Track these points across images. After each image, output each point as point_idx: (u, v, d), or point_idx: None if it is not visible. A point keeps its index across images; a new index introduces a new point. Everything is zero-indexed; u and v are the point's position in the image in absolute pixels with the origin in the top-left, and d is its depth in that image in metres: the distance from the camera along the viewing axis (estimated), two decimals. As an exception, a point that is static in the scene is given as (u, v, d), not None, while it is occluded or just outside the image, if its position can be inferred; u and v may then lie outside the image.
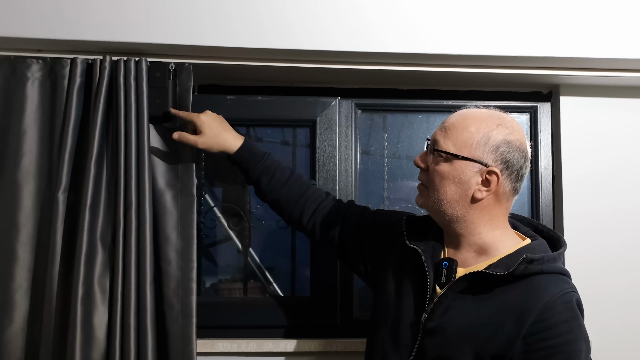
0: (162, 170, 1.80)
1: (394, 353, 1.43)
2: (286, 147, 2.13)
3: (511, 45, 1.85)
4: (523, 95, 2.11)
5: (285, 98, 2.03)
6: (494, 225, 1.43)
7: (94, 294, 1.69)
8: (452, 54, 1.84)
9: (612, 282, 2.02)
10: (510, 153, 1.39)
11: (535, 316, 1.29)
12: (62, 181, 1.70)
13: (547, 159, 2.09)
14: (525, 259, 1.32)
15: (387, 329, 1.46)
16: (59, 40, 1.75)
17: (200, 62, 1.85)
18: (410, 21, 1.84)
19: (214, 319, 1.96)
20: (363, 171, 2.10)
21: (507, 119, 1.43)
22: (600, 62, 1.90)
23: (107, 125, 1.76)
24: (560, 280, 1.36)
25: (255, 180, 1.73)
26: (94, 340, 1.68)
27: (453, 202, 1.41)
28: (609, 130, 2.06)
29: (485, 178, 1.39)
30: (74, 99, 1.73)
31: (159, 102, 1.78)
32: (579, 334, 1.31)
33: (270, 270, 2.11)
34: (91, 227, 1.70)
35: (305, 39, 1.81)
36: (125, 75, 1.74)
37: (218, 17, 1.79)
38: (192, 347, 1.73)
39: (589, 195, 2.04)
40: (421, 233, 1.52)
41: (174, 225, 1.78)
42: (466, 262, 1.42)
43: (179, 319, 1.74)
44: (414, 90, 2.09)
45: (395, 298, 1.47)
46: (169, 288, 1.75)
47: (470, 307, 1.35)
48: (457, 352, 1.33)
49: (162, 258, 1.76)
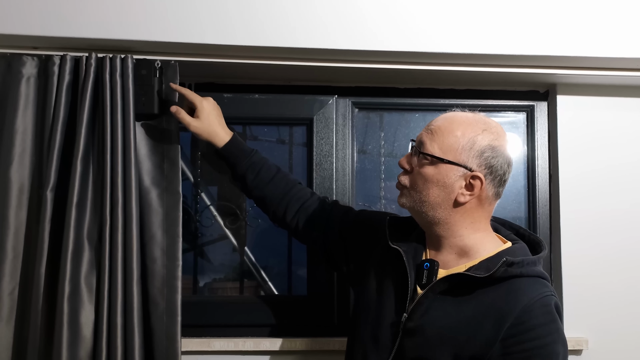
0: (147, 168, 1.80)
1: (374, 353, 1.44)
2: (282, 146, 2.12)
3: (508, 43, 1.85)
4: (520, 94, 2.11)
5: (283, 96, 2.03)
6: (475, 228, 1.44)
7: (80, 292, 1.69)
8: (449, 52, 1.84)
9: (609, 282, 2.02)
10: (494, 159, 1.41)
11: (513, 319, 1.31)
12: (51, 179, 1.69)
13: (543, 158, 2.09)
14: (505, 261, 1.34)
15: (368, 328, 1.47)
16: (48, 37, 1.74)
17: (197, 60, 1.85)
18: (408, 19, 1.83)
19: (210, 317, 1.96)
20: (360, 170, 2.09)
21: (492, 125, 1.45)
22: (597, 60, 1.90)
23: (94, 123, 1.75)
24: (539, 284, 1.37)
25: (242, 175, 1.73)
26: (81, 338, 1.68)
27: (435, 205, 1.42)
28: (606, 129, 2.06)
29: (469, 182, 1.40)
30: (63, 96, 1.72)
31: (144, 99, 1.77)
32: (556, 337, 1.32)
33: (266, 269, 2.11)
34: (78, 225, 1.70)
35: (303, 37, 1.81)
36: (111, 73, 1.73)
37: (215, 15, 1.78)
38: (176, 346, 1.73)
39: (586, 194, 2.04)
40: (404, 234, 1.54)
41: (159, 223, 1.78)
42: (447, 264, 1.43)
43: (164, 317, 1.74)
44: (411, 89, 2.09)
45: (377, 298, 1.48)
46: (154, 286, 1.75)
47: (450, 308, 1.37)
48: (436, 352, 1.35)
49: (148, 256, 1.76)
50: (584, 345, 1.96)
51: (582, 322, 1.99)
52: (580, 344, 1.96)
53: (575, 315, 1.99)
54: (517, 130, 2.14)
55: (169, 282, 1.75)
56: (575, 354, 1.98)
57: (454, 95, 2.09)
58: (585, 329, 1.99)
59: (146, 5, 1.77)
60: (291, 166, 2.09)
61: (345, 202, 2.01)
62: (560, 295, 2.01)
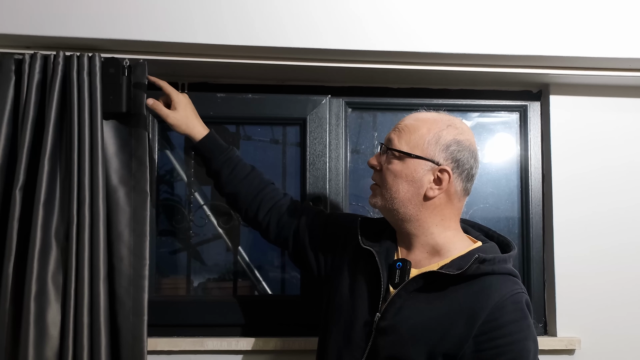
0: (115, 166, 1.80)
1: (347, 353, 1.45)
2: (276, 146, 2.12)
3: (501, 43, 1.85)
4: (513, 94, 2.11)
5: (276, 96, 2.03)
6: (445, 226, 1.47)
7: (47, 291, 1.69)
8: (442, 52, 1.84)
9: (602, 282, 2.02)
10: (460, 152, 1.45)
11: (486, 316, 1.33)
12: (20, 178, 1.69)
13: (536, 158, 2.09)
14: (477, 258, 1.37)
15: (340, 328, 1.48)
16: (18, 36, 1.74)
17: (191, 60, 1.86)
18: (401, 20, 1.84)
19: (203, 317, 1.96)
20: (353, 170, 2.09)
21: (456, 121, 1.49)
22: (590, 61, 1.90)
23: (62, 122, 1.75)
24: (510, 281, 1.40)
25: (217, 170, 1.73)
26: (48, 337, 1.68)
27: (406, 201, 1.45)
28: (599, 129, 2.07)
29: (437, 176, 1.44)
30: (33, 95, 1.72)
31: (112, 98, 1.77)
32: (527, 333, 1.34)
33: (260, 269, 2.11)
34: (45, 224, 1.70)
35: (296, 36, 1.81)
36: (79, 71, 1.73)
37: (208, 15, 1.78)
38: (142, 345, 1.73)
39: (579, 194, 2.05)
40: (375, 234, 1.56)
41: (126, 222, 1.78)
42: (419, 263, 1.46)
43: (130, 316, 1.74)
44: (404, 89, 2.09)
45: (349, 298, 1.50)
46: (120, 285, 1.75)
47: (423, 306, 1.39)
48: (409, 350, 1.36)
49: (114, 255, 1.76)
50: (577, 345, 1.96)
51: (574, 322, 2.00)
52: (572, 344, 1.96)
53: (568, 315, 2.00)
54: (510, 131, 2.14)
55: (135, 282, 1.76)
56: (567, 354, 1.98)
57: (446, 95, 2.09)
58: (578, 329, 1.99)
59: (114, 3, 1.76)
60: (285, 166, 2.09)
61: (339, 202, 2.01)
62: (553, 295, 2.01)
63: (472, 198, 2.10)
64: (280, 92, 2.05)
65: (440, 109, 1.54)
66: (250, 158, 2.08)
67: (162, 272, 2.08)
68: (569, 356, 1.98)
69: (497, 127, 2.14)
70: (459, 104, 2.09)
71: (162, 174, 2.08)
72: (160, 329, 1.93)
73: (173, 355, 1.89)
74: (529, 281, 2.04)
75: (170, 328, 1.94)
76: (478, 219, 2.05)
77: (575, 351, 1.98)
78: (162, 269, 2.08)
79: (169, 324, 1.95)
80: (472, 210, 2.09)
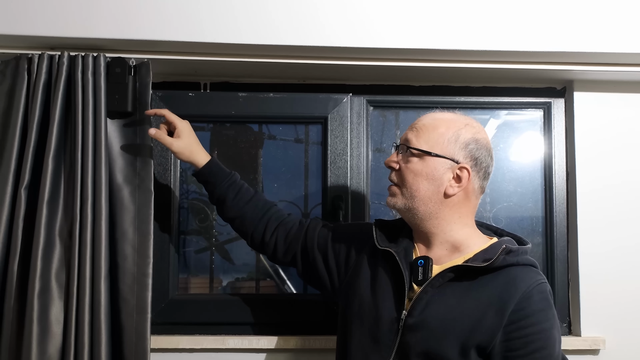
0: (120, 165, 1.81)
1: (374, 352, 1.46)
2: (299, 145, 2.12)
3: (524, 40, 1.84)
4: (536, 91, 2.09)
5: (297, 95, 2.03)
6: (463, 222, 1.50)
7: (51, 289, 1.72)
8: (464, 49, 1.83)
9: (627, 281, 2.00)
10: (478, 150, 1.48)
11: (514, 305, 1.36)
12: (25, 177, 1.72)
13: (560, 155, 2.07)
14: (504, 249, 1.41)
15: (365, 330, 1.49)
16: (25, 37, 1.76)
17: (212, 60, 1.87)
18: (422, 17, 1.83)
19: (224, 315, 1.97)
20: (375, 168, 2.09)
21: (473, 121, 1.52)
22: (614, 56, 1.88)
23: (66, 121, 1.77)
24: (533, 272, 1.43)
25: (222, 194, 1.73)
26: (51, 334, 1.70)
27: (426, 199, 1.47)
28: (624, 126, 2.04)
29: (457, 174, 1.46)
30: (39, 95, 1.75)
31: (118, 97, 1.78)
32: (553, 322, 1.38)
33: (285, 269, 2.11)
34: (49, 223, 1.72)
35: (317, 35, 1.81)
36: (83, 71, 1.76)
37: (221, 14, 1.80)
38: (146, 343, 1.74)
39: (604, 192, 2.02)
40: (391, 235, 1.58)
41: (130, 220, 1.79)
42: (440, 260, 1.48)
43: (134, 314, 1.76)
44: (426, 87, 2.08)
45: (371, 299, 1.50)
46: (124, 283, 1.77)
47: (451, 301, 1.41)
48: (442, 345, 1.38)
49: (118, 253, 1.77)
50: (601, 344, 1.94)
51: (599, 321, 1.97)
52: (597, 344, 1.94)
53: (593, 314, 1.98)
54: (534, 128, 2.12)
55: (139, 279, 1.77)
56: (592, 354, 1.96)
57: (469, 93, 2.08)
58: (603, 328, 1.97)
59: (119, 3, 1.78)
60: (307, 164, 2.09)
61: (360, 201, 2.01)
62: (577, 294, 1.99)
63: (496, 196, 2.09)
64: (301, 90, 2.05)
65: (459, 108, 1.54)
66: (272, 157, 2.09)
67: (187, 271, 2.09)
68: (594, 356, 1.96)
69: (520, 125, 2.12)
70: (482, 102, 2.07)
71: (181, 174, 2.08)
72: (182, 327, 1.95)
73: (195, 353, 1.91)
74: (552, 280, 2.02)
75: (192, 326, 1.96)
76: (502, 217, 2.04)
77: (600, 351, 1.96)
78: (190, 268, 2.10)
79: (191, 322, 1.96)
80: (495, 209, 2.08)
